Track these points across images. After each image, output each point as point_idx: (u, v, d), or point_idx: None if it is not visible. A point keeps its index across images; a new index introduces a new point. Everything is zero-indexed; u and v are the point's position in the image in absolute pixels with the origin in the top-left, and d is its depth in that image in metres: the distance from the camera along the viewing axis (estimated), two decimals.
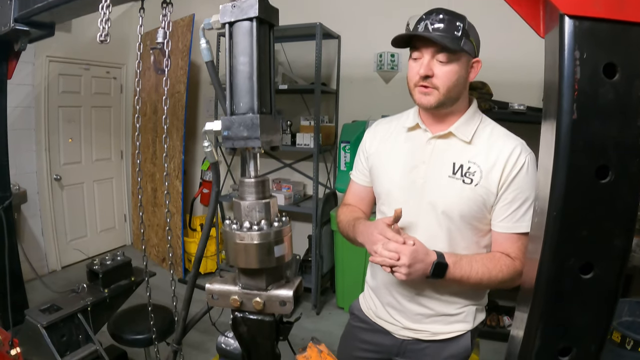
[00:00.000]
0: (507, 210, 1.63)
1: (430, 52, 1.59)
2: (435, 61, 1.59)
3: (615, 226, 0.79)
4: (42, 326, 1.97)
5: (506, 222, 1.64)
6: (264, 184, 1.16)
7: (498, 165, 1.62)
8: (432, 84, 1.61)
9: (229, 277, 1.25)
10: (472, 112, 1.74)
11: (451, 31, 1.56)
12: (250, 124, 1.08)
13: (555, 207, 0.79)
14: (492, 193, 1.63)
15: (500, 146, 1.65)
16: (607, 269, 0.80)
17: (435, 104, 1.63)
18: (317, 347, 1.34)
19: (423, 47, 1.60)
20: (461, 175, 1.65)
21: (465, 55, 1.61)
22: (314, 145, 4.77)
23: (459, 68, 1.61)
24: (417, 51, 1.63)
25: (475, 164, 1.65)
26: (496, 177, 1.62)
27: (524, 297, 0.89)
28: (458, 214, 1.67)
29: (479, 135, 1.70)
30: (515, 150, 1.62)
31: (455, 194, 1.66)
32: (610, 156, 0.77)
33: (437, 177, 1.69)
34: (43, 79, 5.49)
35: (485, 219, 1.69)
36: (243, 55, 1.09)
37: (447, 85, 1.61)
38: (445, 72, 1.59)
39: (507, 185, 1.61)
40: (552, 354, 0.84)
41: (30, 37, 1.97)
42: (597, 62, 0.75)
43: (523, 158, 1.61)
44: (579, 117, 0.76)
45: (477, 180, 1.63)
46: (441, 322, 1.80)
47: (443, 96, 1.62)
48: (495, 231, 1.69)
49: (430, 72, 1.59)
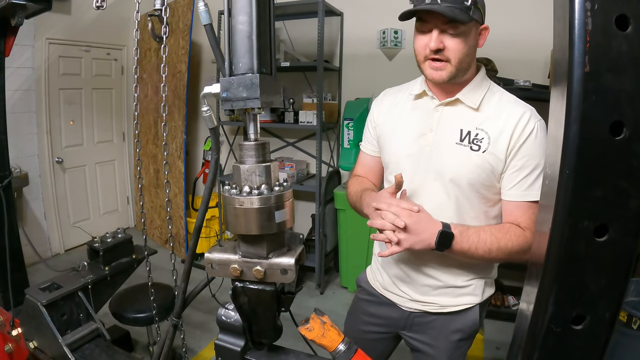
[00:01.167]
0: (517, 177, 1.59)
1: (439, 24, 1.52)
2: (445, 34, 1.54)
3: (630, 186, 0.75)
4: (42, 304, 1.94)
5: (515, 189, 1.60)
6: (264, 147, 1.12)
7: (506, 131, 1.58)
8: (445, 57, 1.56)
9: (229, 246, 1.22)
10: (480, 78, 1.70)
11: (460, 1, 1.49)
12: (249, 84, 1.04)
13: (568, 165, 0.75)
14: (500, 160, 1.59)
15: (509, 112, 1.60)
16: (623, 232, 0.76)
17: (447, 78, 1.59)
18: (320, 319, 1.30)
19: (431, 19, 1.53)
20: (469, 142, 1.62)
21: (475, 24, 1.56)
22: (317, 123, 4.74)
23: (469, 37, 1.56)
24: (425, 23, 1.57)
25: (483, 131, 1.61)
26: (504, 143, 1.57)
27: (535, 265, 0.86)
28: (466, 182, 1.63)
29: (487, 101, 1.66)
30: (524, 116, 1.57)
31: (463, 161, 1.62)
32: (624, 111, 0.73)
33: (445, 144, 1.66)
34: (43, 61, 5.45)
35: (494, 188, 1.65)
36: (242, 14, 1.06)
37: (458, 57, 1.56)
38: (456, 44, 1.54)
39: (515, 152, 1.57)
40: (565, 323, 0.81)
41: (27, 12, 1.93)
42: (609, 13, 0.71)
43: (532, 124, 1.56)
44: (591, 70, 0.72)
45: (484, 147, 1.59)
46: (449, 295, 1.77)
47: (455, 68, 1.57)
48: (505, 200, 1.65)
49: (442, 45, 1.54)
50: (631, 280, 3.13)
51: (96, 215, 6.50)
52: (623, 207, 0.76)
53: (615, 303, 0.80)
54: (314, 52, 4.80)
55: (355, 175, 2.07)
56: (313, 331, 1.29)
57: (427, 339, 1.85)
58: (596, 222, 0.76)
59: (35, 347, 2.07)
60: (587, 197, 0.76)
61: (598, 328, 0.81)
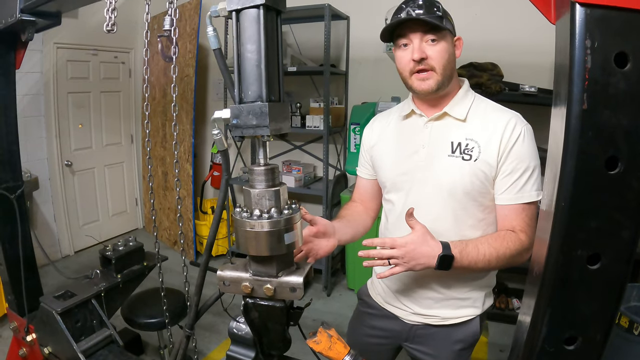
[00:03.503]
0: (508, 181, 1.63)
1: (418, 35, 1.60)
2: (425, 43, 1.61)
3: (623, 218, 0.78)
4: (57, 312, 1.99)
5: (508, 193, 1.64)
6: (273, 172, 1.16)
7: (495, 137, 1.62)
8: (429, 65, 1.61)
9: (240, 264, 1.27)
10: (465, 90, 1.75)
11: (433, 12, 1.58)
12: (259, 112, 1.08)
13: (563, 198, 0.79)
14: (492, 166, 1.63)
15: (495, 119, 1.65)
16: (615, 260, 0.80)
17: (435, 86, 1.63)
18: (327, 332, 1.35)
19: (410, 32, 1.61)
20: (460, 152, 1.66)
21: (449, 34, 1.64)
22: (323, 127, 4.77)
23: (447, 45, 1.63)
24: (404, 38, 1.64)
25: (473, 140, 1.65)
26: (494, 149, 1.62)
27: (532, 284, 0.90)
28: (462, 192, 1.67)
29: (474, 112, 1.71)
30: (510, 122, 1.62)
31: (457, 172, 1.66)
32: (619, 147, 0.76)
33: (438, 158, 1.70)
34: (51, 65, 5.49)
35: (489, 194, 1.69)
36: (250, 43, 1.09)
37: (442, 63, 1.62)
38: (438, 51, 1.61)
39: (505, 156, 1.61)
40: (558, 343, 0.85)
41: (37, 27, 1.96)
42: (609, 51, 0.74)
43: (519, 128, 1.61)
44: (589, 107, 0.75)
45: (476, 156, 1.64)
46: (450, 307, 1.80)
47: (441, 76, 1.63)
48: (499, 205, 1.69)
49: (424, 54, 1.60)
50: (633, 285, 3.16)
51: (105, 217, 6.55)
52: (615, 237, 0.79)
53: (607, 325, 0.84)
54: (320, 56, 4.83)
55: (351, 201, 2.13)
56: (320, 344, 1.34)
57: (429, 350, 1.88)
58: (589, 251, 0.80)
59: (49, 352, 2.12)
60: (581, 228, 0.79)
61: (590, 348, 0.85)
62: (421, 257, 1.52)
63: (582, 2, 0.73)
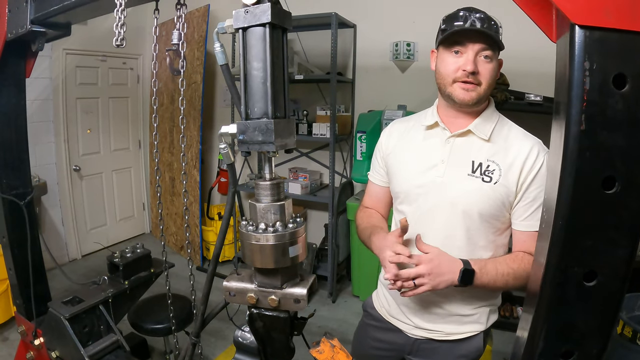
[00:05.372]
0: (529, 209, 1.62)
1: (476, 48, 1.57)
2: (479, 58, 1.58)
3: (619, 236, 0.80)
4: (65, 318, 2.03)
5: (528, 220, 1.63)
6: (278, 187, 1.19)
7: (516, 165, 1.61)
8: (477, 80, 1.59)
9: (246, 275, 1.29)
10: (491, 111, 1.73)
11: (492, 28, 1.55)
12: (264, 129, 1.10)
13: (561, 217, 0.80)
14: (511, 192, 1.62)
15: (518, 146, 1.64)
16: (610, 277, 0.81)
17: (476, 99, 1.61)
18: (330, 342, 1.37)
19: (469, 42, 1.57)
20: (480, 173, 1.64)
21: (499, 54, 1.62)
22: (330, 135, 4.78)
23: (497, 65, 1.62)
24: (460, 45, 1.59)
25: (494, 162, 1.64)
26: (515, 176, 1.61)
27: (530, 299, 0.91)
28: (477, 213, 1.65)
29: (497, 133, 1.69)
30: (532, 150, 1.61)
31: (475, 193, 1.64)
32: (617, 167, 0.77)
33: (457, 175, 1.68)
34: (60, 71, 5.55)
35: (503, 217, 1.68)
36: (257, 61, 1.11)
37: (489, 82, 1.61)
38: (489, 70, 1.59)
39: (527, 185, 1.61)
40: (555, 357, 0.86)
41: (47, 38, 1.99)
42: (607, 72, 0.75)
43: (541, 158, 1.60)
44: (587, 128, 0.76)
45: (496, 179, 1.62)
46: (455, 323, 1.79)
47: (484, 92, 1.61)
48: (517, 230, 1.68)
49: (477, 69, 1.58)
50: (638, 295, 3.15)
51: (112, 221, 6.59)
52: (612, 255, 0.81)
53: (603, 339, 0.85)
54: (327, 64, 4.84)
55: (363, 206, 2.08)
56: (323, 354, 1.36)
57: None
58: (586, 269, 0.81)
59: (57, 356, 2.15)
60: (577, 246, 0.81)
61: None
62: (446, 273, 1.54)
63: (582, 25, 0.75)
